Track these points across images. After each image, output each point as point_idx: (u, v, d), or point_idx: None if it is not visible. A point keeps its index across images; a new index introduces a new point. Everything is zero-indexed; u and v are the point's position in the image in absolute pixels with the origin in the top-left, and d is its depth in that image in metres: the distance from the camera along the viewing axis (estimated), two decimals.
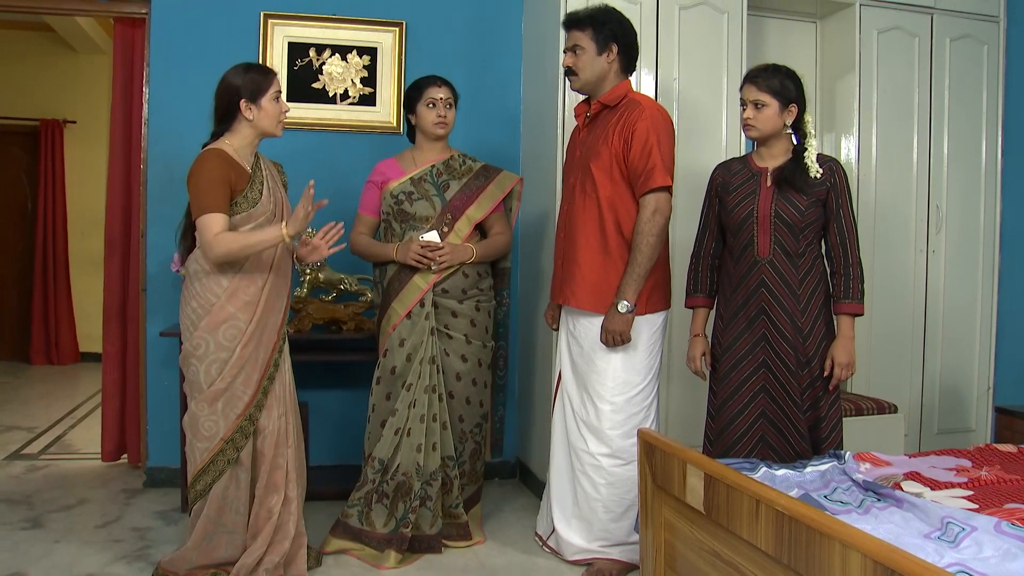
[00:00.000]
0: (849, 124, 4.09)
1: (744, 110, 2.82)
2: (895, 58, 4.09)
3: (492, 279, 3.39)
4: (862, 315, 2.86)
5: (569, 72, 3.02)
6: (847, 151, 4.09)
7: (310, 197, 2.68)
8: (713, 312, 3.03)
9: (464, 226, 3.24)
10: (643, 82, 3.72)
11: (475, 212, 3.26)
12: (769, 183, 2.83)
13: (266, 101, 2.77)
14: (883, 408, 3.63)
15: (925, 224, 4.16)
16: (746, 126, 2.83)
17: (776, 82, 2.77)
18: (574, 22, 2.99)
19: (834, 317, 2.88)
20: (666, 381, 3.75)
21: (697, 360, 2.99)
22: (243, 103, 2.74)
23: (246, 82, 2.75)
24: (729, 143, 3.84)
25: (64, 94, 7.48)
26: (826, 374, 2.82)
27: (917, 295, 4.17)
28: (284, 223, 2.71)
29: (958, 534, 1.97)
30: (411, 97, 3.31)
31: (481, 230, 3.35)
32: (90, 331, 7.64)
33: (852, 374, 2.86)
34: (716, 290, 3.03)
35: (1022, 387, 4.21)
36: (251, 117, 2.76)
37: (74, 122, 7.49)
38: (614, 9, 3.02)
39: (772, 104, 2.78)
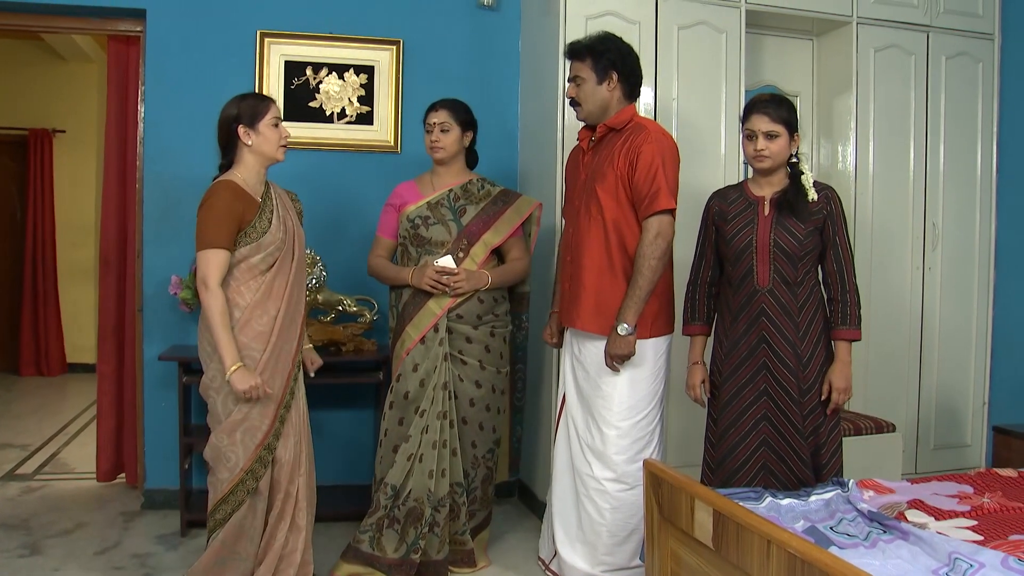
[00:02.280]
0: (846, 141, 4.10)
1: (752, 141, 2.81)
2: (891, 76, 4.11)
3: (509, 304, 3.38)
4: (859, 340, 2.88)
5: (573, 103, 3.03)
6: (844, 168, 4.11)
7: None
8: (711, 340, 3.04)
9: (480, 251, 3.23)
10: (642, 101, 3.72)
11: (492, 237, 3.25)
12: (767, 212, 2.84)
13: (264, 126, 2.75)
14: (881, 427, 3.64)
15: (921, 241, 4.19)
16: (759, 157, 2.80)
17: (784, 112, 2.78)
18: (574, 53, 3.00)
19: (832, 342, 2.89)
20: (666, 402, 3.76)
21: (697, 388, 3.00)
22: (241, 129, 2.73)
23: (243, 109, 2.75)
24: (728, 162, 3.85)
25: (53, 103, 7.41)
26: (823, 398, 2.83)
27: (913, 312, 4.19)
28: (236, 367, 2.64)
29: (966, 571, 1.97)
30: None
31: (499, 255, 3.34)
32: (79, 342, 7.61)
33: (849, 398, 2.88)
34: (713, 317, 3.03)
35: (1017, 403, 4.25)
36: (250, 143, 2.75)
37: (63, 131, 7.43)
38: (614, 37, 3.01)
39: (783, 134, 2.78)
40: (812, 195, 2.81)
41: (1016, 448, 3.62)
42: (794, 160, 2.85)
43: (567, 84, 3.04)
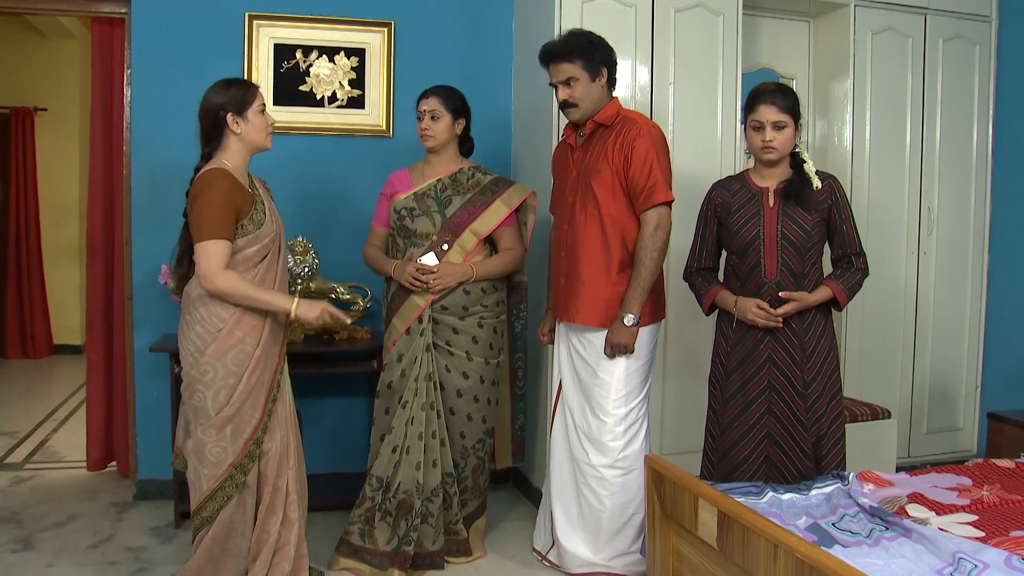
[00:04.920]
0: (842, 125, 4.07)
1: (759, 132, 2.77)
2: (888, 59, 4.08)
3: (504, 293, 3.34)
4: (839, 307, 2.85)
5: (566, 105, 2.98)
6: (839, 152, 4.08)
7: (344, 319, 2.81)
8: (715, 332, 3.03)
9: (468, 240, 3.19)
10: (639, 86, 3.68)
11: (479, 226, 3.21)
12: (772, 203, 2.81)
13: (252, 113, 2.70)
14: (877, 414, 3.65)
15: (917, 226, 4.17)
16: (767, 149, 2.77)
17: (791, 101, 2.77)
18: (560, 55, 2.94)
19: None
20: (661, 382, 3.76)
21: (763, 308, 2.79)
22: (230, 117, 2.66)
23: (230, 97, 2.68)
24: (724, 145, 3.81)
25: (34, 81, 7.28)
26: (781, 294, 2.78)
27: (908, 296, 4.19)
28: (297, 300, 2.70)
29: (971, 571, 1.98)
30: None
31: (492, 244, 3.30)
32: (66, 323, 7.55)
33: (786, 313, 2.78)
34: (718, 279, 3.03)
35: (1009, 388, 4.26)
36: (239, 131, 2.68)
37: (45, 109, 7.31)
38: (589, 32, 2.99)
39: (790, 124, 2.76)
40: (816, 183, 2.80)
41: (1009, 434, 3.63)
42: (796, 149, 2.83)
43: (557, 87, 2.98)
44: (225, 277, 2.59)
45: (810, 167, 2.83)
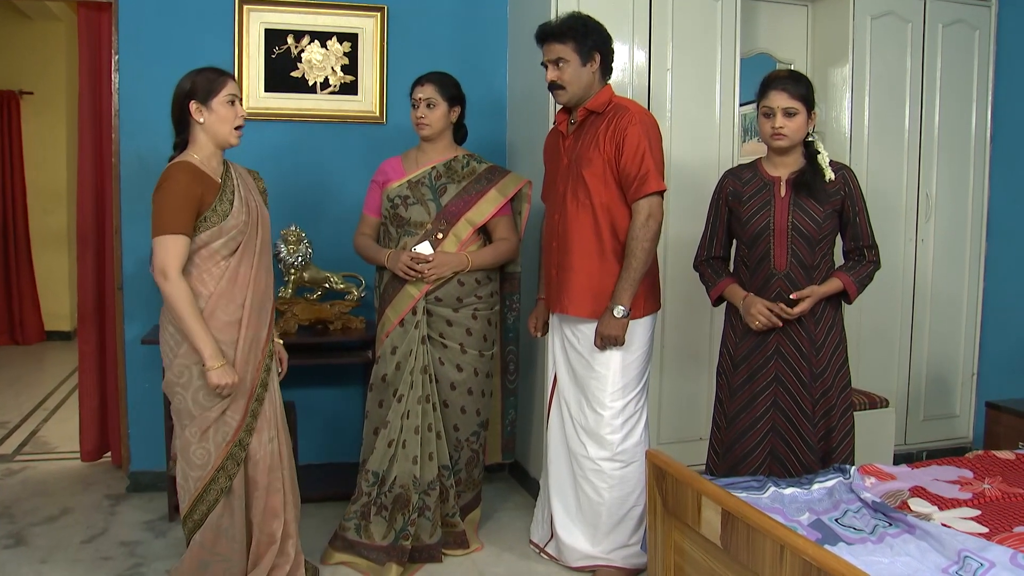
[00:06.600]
0: (840, 110, 4.03)
1: (770, 118, 2.73)
2: (888, 44, 4.03)
3: (497, 284, 3.30)
4: (849, 299, 2.83)
5: (554, 86, 2.93)
6: (838, 137, 4.04)
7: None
8: (723, 323, 3.00)
9: (463, 229, 3.14)
10: (636, 71, 3.62)
11: (475, 215, 3.16)
12: (783, 193, 2.78)
13: (218, 103, 2.57)
14: (875, 403, 3.64)
15: (915, 212, 4.14)
16: (777, 136, 2.74)
17: (803, 88, 2.72)
18: (554, 35, 2.89)
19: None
20: (659, 373, 3.73)
21: (765, 311, 2.77)
22: (192, 105, 2.56)
23: (197, 83, 2.57)
24: (722, 132, 3.76)
25: (19, 64, 7.18)
26: (792, 296, 2.76)
27: (906, 284, 4.16)
28: (219, 362, 2.51)
29: (976, 570, 1.97)
30: None
31: (487, 234, 3.25)
32: (55, 310, 7.48)
33: (802, 311, 2.77)
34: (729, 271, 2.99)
35: (1006, 375, 4.26)
36: (201, 120, 2.57)
37: (31, 93, 7.21)
38: (587, 16, 2.94)
39: (802, 111, 2.72)
40: (829, 174, 2.76)
41: (1007, 423, 3.63)
42: (810, 139, 2.79)
43: (547, 67, 2.93)
44: (176, 283, 2.47)
45: (823, 158, 2.79)
